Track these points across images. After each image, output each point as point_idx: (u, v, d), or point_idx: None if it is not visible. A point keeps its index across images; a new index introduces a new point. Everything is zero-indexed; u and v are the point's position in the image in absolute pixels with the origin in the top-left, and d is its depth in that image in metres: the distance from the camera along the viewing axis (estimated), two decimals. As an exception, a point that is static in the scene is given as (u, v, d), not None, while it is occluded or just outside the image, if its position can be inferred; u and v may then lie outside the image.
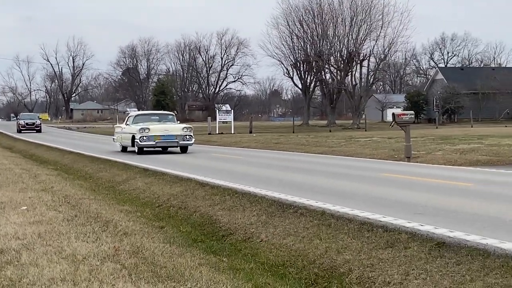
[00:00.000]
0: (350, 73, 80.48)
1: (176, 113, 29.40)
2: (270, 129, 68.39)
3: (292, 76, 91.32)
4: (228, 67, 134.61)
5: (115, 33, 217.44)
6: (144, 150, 26.92)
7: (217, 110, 77.69)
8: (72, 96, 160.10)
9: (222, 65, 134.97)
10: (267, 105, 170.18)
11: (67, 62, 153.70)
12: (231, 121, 60.06)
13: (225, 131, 55.47)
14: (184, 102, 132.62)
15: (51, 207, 12.23)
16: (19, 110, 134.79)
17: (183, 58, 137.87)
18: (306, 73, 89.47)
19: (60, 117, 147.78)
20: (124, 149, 29.11)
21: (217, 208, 12.71)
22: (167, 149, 28.45)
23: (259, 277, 7.97)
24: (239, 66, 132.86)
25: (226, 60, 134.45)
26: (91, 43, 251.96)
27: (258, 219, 11.20)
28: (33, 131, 62.33)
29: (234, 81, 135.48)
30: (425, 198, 11.69)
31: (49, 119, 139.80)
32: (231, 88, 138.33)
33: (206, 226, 11.82)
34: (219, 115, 62.41)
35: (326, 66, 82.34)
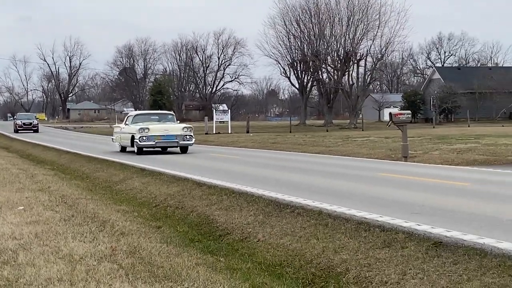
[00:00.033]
0: (347, 72, 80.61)
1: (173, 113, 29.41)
2: (267, 129, 68.40)
3: (289, 76, 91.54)
4: (225, 66, 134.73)
5: (111, 33, 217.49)
6: (144, 150, 26.66)
7: (214, 110, 77.69)
8: (69, 96, 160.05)
9: (219, 64, 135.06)
10: (264, 105, 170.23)
11: (64, 62, 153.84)
12: (228, 121, 60.04)
13: (222, 131, 55.47)
14: (181, 102, 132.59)
15: (48, 207, 12.22)
16: (16, 110, 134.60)
17: (180, 58, 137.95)
18: (303, 72, 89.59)
19: (57, 117, 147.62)
20: (123, 149, 28.78)
21: (214, 208, 12.71)
22: (166, 149, 28.19)
23: (256, 277, 7.97)
24: (236, 66, 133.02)
25: (223, 60, 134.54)
26: (88, 43, 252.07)
27: (255, 219, 11.20)
28: (30, 131, 62.25)
29: (231, 81, 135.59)
30: (422, 198, 11.70)
31: (46, 119, 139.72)
32: (228, 88, 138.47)
33: (203, 226, 11.82)
34: (216, 115, 62.41)
35: (323, 66, 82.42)
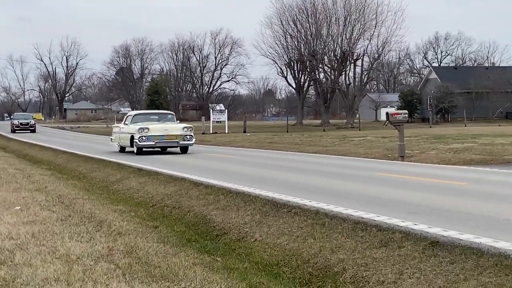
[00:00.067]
0: (344, 72, 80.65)
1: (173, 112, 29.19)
2: (264, 129, 68.41)
3: (286, 76, 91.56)
4: (222, 66, 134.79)
5: (108, 33, 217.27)
6: (143, 150, 26.34)
7: (211, 110, 77.70)
8: (66, 96, 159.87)
9: (216, 64, 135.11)
10: (261, 104, 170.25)
11: (61, 62, 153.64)
12: (225, 121, 60.05)
13: (219, 130, 55.46)
14: (178, 102, 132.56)
15: (44, 207, 12.21)
16: (13, 110, 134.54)
17: (177, 58, 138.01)
18: (300, 72, 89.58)
19: (53, 117, 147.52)
20: (123, 150, 28.36)
21: (211, 207, 12.70)
22: (166, 150, 27.87)
23: (253, 277, 7.97)
24: (233, 66, 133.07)
25: (220, 59, 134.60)
26: (85, 43, 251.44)
27: (252, 219, 11.20)
28: (27, 131, 62.07)
29: (228, 81, 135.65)
30: (419, 197, 11.71)
31: (43, 119, 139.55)
32: (225, 88, 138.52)
33: (200, 225, 11.81)
34: (213, 114, 62.38)
35: (320, 66, 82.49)
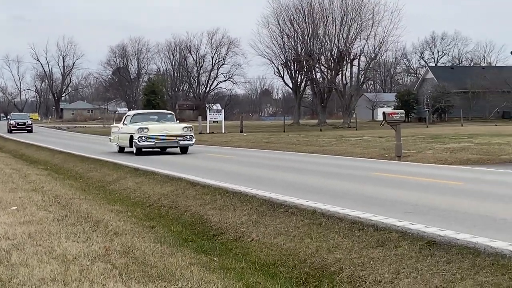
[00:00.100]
0: (340, 72, 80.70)
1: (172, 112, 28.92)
2: (260, 129, 68.41)
3: (282, 76, 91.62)
4: (219, 66, 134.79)
5: (105, 33, 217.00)
6: (143, 151, 26.06)
7: (208, 110, 77.74)
8: (62, 95, 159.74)
9: (213, 64, 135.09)
10: (258, 104, 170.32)
11: (57, 62, 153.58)
12: (222, 121, 60.03)
13: (215, 130, 55.45)
14: (175, 102, 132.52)
15: (41, 207, 12.20)
16: (9, 110, 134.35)
17: (174, 58, 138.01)
18: (297, 72, 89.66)
19: (50, 117, 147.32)
20: (121, 150, 27.99)
21: (208, 207, 12.70)
22: (165, 150, 27.57)
23: (250, 277, 7.96)
24: (230, 66, 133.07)
25: (216, 59, 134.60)
26: (81, 43, 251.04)
27: (249, 219, 11.20)
28: (24, 131, 61.89)
29: (224, 81, 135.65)
30: (415, 197, 11.72)
31: (39, 119, 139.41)
32: (221, 88, 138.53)
33: (197, 225, 11.81)
34: (209, 114, 62.39)
35: (317, 65, 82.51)
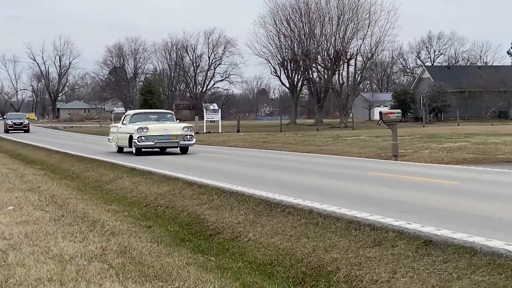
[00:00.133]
0: (337, 72, 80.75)
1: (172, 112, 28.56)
2: (257, 128, 68.42)
3: (279, 75, 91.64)
4: (216, 66, 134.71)
5: (101, 32, 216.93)
6: (142, 151, 25.75)
7: (205, 109, 77.80)
8: (59, 95, 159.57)
9: (210, 64, 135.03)
10: (255, 104, 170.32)
11: (54, 62, 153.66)
12: (219, 120, 60.07)
13: (212, 130, 55.44)
14: (172, 101, 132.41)
15: (38, 207, 12.19)
16: (6, 110, 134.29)
17: (170, 57, 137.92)
18: (294, 72, 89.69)
19: (46, 117, 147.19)
20: (121, 150, 27.67)
21: (205, 207, 12.70)
22: (165, 150, 27.30)
23: (247, 276, 7.97)
24: (227, 65, 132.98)
25: (213, 59, 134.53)
26: (78, 42, 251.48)
27: (245, 218, 11.20)
28: (21, 131, 61.65)
29: (221, 80, 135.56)
30: (412, 197, 11.73)
31: (36, 118, 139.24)
32: (218, 87, 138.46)
33: (193, 225, 11.81)
34: (206, 114, 62.39)
35: (314, 65, 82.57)
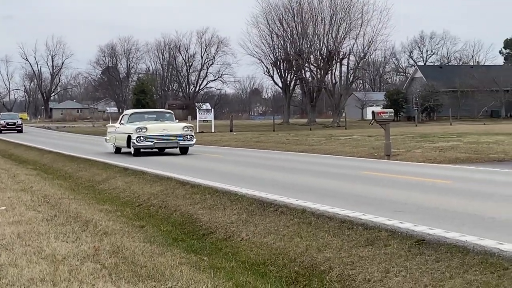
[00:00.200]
0: (330, 71, 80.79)
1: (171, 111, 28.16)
2: (250, 128, 68.43)
3: (272, 75, 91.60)
4: (208, 66, 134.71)
5: (94, 32, 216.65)
6: (141, 151, 25.24)
7: (198, 109, 77.70)
8: (51, 95, 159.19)
9: (202, 64, 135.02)
10: (248, 103, 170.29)
11: (46, 61, 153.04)
12: (212, 120, 60.04)
13: (205, 130, 55.42)
14: (164, 101, 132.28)
15: (30, 207, 12.16)
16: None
17: (163, 57, 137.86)
18: (286, 71, 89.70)
19: (39, 117, 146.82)
20: (118, 150, 27.14)
21: (198, 207, 12.69)
22: (163, 150, 26.79)
23: (240, 276, 7.97)
24: (219, 65, 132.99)
25: (206, 59, 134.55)
26: (70, 42, 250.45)
27: (238, 218, 11.20)
28: (14, 131, 61.21)
29: (214, 80, 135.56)
30: (404, 196, 11.75)
31: (28, 118, 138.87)
32: (211, 87, 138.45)
33: (186, 225, 11.80)
34: (199, 114, 62.36)
35: (306, 65, 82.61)
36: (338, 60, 79.84)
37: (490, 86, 78.78)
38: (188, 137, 25.47)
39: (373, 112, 22.62)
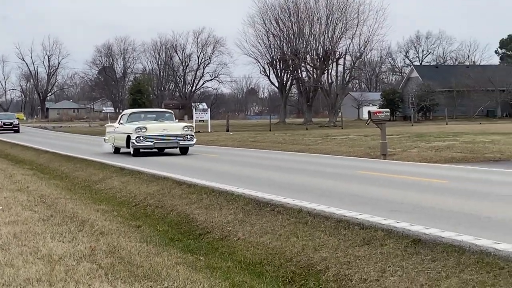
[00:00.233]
0: (326, 71, 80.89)
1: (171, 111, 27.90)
2: (247, 128, 68.41)
3: (268, 75, 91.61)
4: (205, 65, 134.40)
5: (91, 32, 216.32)
6: (141, 151, 25.03)
7: (194, 109, 77.60)
8: (48, 95, 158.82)
9: (199, 63, 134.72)
10: (244, 103, 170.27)
11: (43, 61, 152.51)
12: (208, 120, 59.99)
13: (202, 129, 55.36)
14: (161, 101, 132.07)
15: (26, 207, 12.14)
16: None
17: (160, 57, 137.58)
18: (283, 71, 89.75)
19: (35, 117, 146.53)
20: (117, 151, 26.93)
21: (194, 206, 12.69)
22: (163, 150, 26.56)
23: (236, 276, 7.97)
24: (216, 65, 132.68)
25: (202, 58, 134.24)
26: (67, 42, 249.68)
27: (235, 218, 11.20)
28: (11, 132, 61.03)
29: (210, 80, 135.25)
30: (401, 196, 11.77)
31: (25, 118, 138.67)
32: (207, 87, 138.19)
33: (183, 225, 11.80)
34: (196, 113, 62.30)
35: (302, 65, 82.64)
36: (334, 60, 79.91)
37: (486, 86, 78.87)
38: (188, 137, 25.24)
39: (369, 112, 22.64)
